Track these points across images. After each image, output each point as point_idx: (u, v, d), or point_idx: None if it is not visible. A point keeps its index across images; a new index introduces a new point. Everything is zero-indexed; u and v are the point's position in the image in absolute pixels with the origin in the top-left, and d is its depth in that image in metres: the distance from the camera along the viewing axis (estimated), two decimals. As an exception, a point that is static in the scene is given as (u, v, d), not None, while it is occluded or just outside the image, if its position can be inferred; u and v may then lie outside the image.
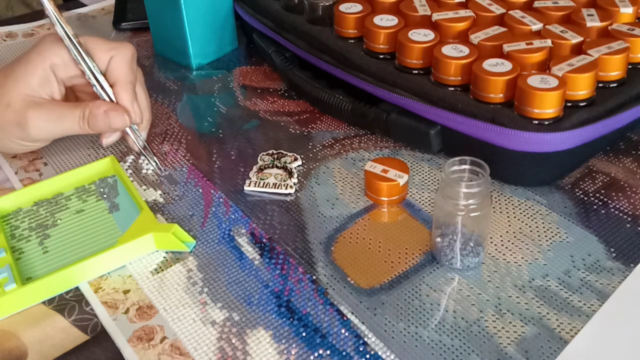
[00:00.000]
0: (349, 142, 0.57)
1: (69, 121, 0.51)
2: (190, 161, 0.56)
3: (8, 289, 0.42)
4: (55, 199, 0.52)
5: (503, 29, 0.54)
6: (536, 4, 0.58)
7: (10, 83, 0.50)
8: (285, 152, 0.56)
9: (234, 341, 0.40)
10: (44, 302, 0.43)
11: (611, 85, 0.51)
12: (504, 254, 0.45)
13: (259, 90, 0.66)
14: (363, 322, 0.41)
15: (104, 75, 0.52)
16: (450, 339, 0.40)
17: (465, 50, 0.52)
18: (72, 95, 0.56)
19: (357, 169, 0.54)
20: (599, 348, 0.39)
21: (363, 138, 0.58)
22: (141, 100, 0.55)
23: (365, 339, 0.40)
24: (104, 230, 0.49)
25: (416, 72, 0.54)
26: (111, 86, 0.52)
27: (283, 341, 0.40)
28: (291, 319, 0.41)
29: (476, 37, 0.53)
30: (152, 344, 0.40)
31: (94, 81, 0.52)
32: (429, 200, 0.51)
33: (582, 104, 0.49)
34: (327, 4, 0.61)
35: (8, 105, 0.50)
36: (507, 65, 0.49)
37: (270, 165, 0.54)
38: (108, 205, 0.51)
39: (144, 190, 0.53)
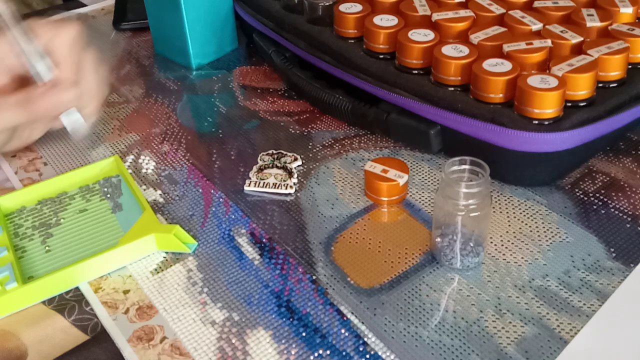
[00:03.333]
0: (349, 142, 0.57)
1: (5, 109, 0.48)
2: (190, 161, 0.56)
3: (9, 288, 0.42)
4: (59, 198, 0.52)
5: (503, 29, 0.54)
6: (536, 4, 0.58)
7: None
8: (285, 152, 0.56)
9: (234, 341, 0.40)
10: (44, 302, 0.43)
11: (611, 85, 0.51)
12: (504, 254, 0.45)
13: (259, 90, 0.66)
14: (363, 322, 0.41)
15: (49, 56, 0.50)
16: (450, 339, 0.40)
17: (465, 50, 0.52)
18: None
19: (357, 169, 0.54)
20: (599, 348, 0.39)
21: (363, 138, 0.58)
22: (88, 81, 0.51)
23: (365, 339, 0.40)
24: (106, 230, 0.49)
25: (416, 72, 0.54)
26: (56, 66, 0.50)
27: (283, 341, 0.40)
28: (291, 319, 0.41)
29: (476, 37, 0.53)
30: (152, 344, 0.40)
31: (32, 63, 0.49)
32: (429, 200, 0.51)
33: (582, 104, 0.49)
34: (327, 4, 0.61)
35: None
36: (507, 65, 0.49)
37: (270, 165, 0.54)
38: (111, 205, 0.51)
39: (144, 190, 0.53)
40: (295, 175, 0.53)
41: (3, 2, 0.48)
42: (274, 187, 0.52)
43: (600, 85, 0.50)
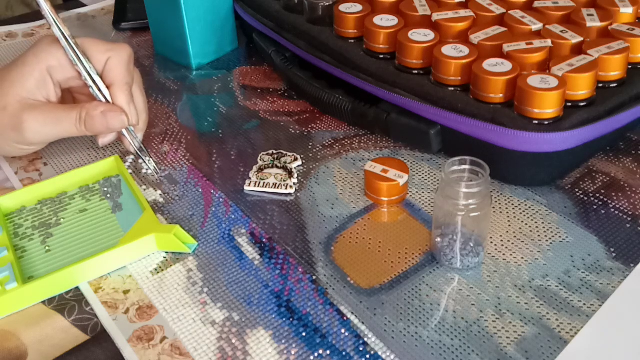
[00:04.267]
0: (349, 142, 0.57)
1: (65, 123, 0.51)
2: (190, 161, 0.56)
3: (9, 288, 0.42)
4: (59, 198, 0.52)
5: (503, 29, 0.54)
6: (536, 4, 0.58)
7: (6, 86, 0.50)
8: (285, 152, 0.56)
9: (234, 341, 0.40)
10: (44, 302, 0.43)
11: (611, 85, 0.51)
12: (504, 254, 0.45)
13: (259, 90, 0.66)
14: (363, 322, 0.41)
15: (101, 76, 0.52)
16: (450, 339, 0.40)
17: (465, 50, 0.52)
18: (70, 97, 0.56)
19: (357, 169, 0.54)
20: (599, 348, 0.39)
21: (363, 138, 0.58)
22: (138, 101, 0.54)
23: (365, 339, 0.40)
24: (106, 230, 0.49)
25: (416, 72, 0.54)
26: (108, 88, 0.52)
27: (283, 341, 0.40)
28: (291, 319, 0.41)
29: (476, 37, 0.53)
30: (152, 344, 0.40)
31: (90, 82, 0.52)
32: (429, 200, 0.51)
33: (582, 104, 0.49)
34: (327, 4, 0.61)
35: (4, 108, 0.50)
36: (507, 65, 0.49)
37: (270, 165, 0.54)
38: (111, 205, 0.51)
39: (144, 190, 0.53)
40: (295, 175, 0.53)
41: (62, 23, 0.50)
42: (274, 187, 0.52)
43: (600, 85, 0.50)
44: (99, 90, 0.52)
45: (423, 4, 0.59)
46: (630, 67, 0.52)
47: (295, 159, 0.55)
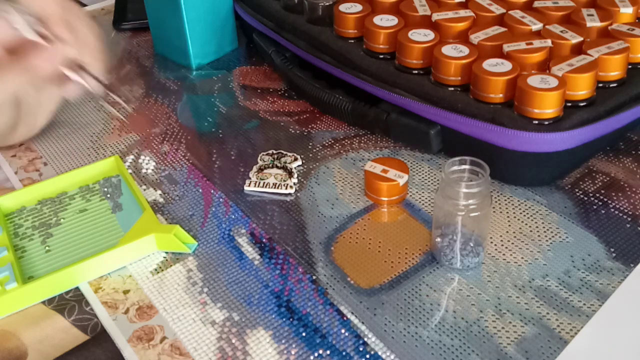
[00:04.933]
0: (349, 142, 0.57)
1: (4, 73, 0.47)
2: (190, 161, 0.56)
3: (9, 288, 0.42)
4: (59, 198, 0.52)
5: (503, 29, 0.54)
6: (536, 4, 0.58)
7: None
8: (285, 152, 0.56)
9: (234, 341, 0.40)
10: (43, 302, 0.43)
11: (611, 85, 0.51)
12: (504, 254, 0.45)
13: (259, 90, 0.66)
14: (363, 322, 0.41)
15: (37, 19, 0.48)
16: (450, 339, 0.40)
17: (465, 50, 0.52)
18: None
19: (357, 169, 0.54)
20: (599, 348, 0.39)
21: (363, 138, 0.58)
22: (83, 36, 0.51)
23: (365, 339, 0.40)
24: (106, 230, 0.49)
25: (416, 72, 0.54)
26: (45, 27, 0.49)
27: (283, 341, 0.40)
28: (291, 319, 0.41)
29: (476, 37, 0.53)
30: (152, 344, 0.40)
31: (19, 26, 0.48)
32: (429, 200, 0.51)
33: (582, 104, 0.49)
34: (327, 4, 0.61)
35: None
36: (507, 65, 0.49)
37: (270, 165, 0.54)
38: (111, 205, 0.51)
39: (144, 190, 0.53)
40: (295, 175, 0.53)
41: None
42: (274, 187, 0.52)
43: (600, 85, 0.50)
44: (38, 34, 0.48)
45: (423, 4, 0.59)
46: (630, 67, 0.52)
47: (295, 159, 0.55)
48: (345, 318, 0.41)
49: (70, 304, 0.43)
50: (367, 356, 0.39)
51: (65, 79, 0.51)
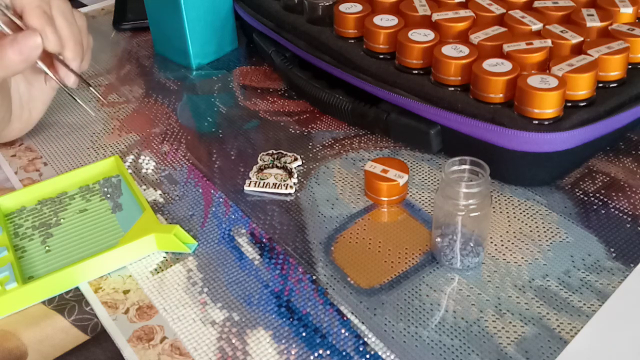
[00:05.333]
0: (349, 142, 0.57)
1: None
2: (190, 161, 0.56)
3: (9, 288, 0.42)
4: (59, 198, 0.52)
5: (503, 29, 0.54)
6: (536, 4, 0.58)
7: None
8: (285, 152, 0.56)
9: (234, 341, 0.40)
10: (43, 302, 0.43)
11: (611, 85, 0.51)
12: (504, 254, 0.45)
13: (259, 90, 0.66)
14: (363, 322, 0.41)
15: (13, 10, 0.48)
16: (450, 339, 0.40)
17: (465, 50, 0.52)
18: None
19: (357, 169, 0.54)
20: (599, 348, 0.39)
21: (363, 138, 0.58)
22: (61, 27, 0.50)
23: (365, 339, 0.40)
24: (106, 230, 0.49)
25: (416, 72, 0.54)
26: (21, 19, 0.48)
27: (283, 341, 0.40)
28: (291, 319, 0.41)
29: (476, 37, 0.53)
30: (152, 344, 0.40)
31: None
32: (429, 200, 0.51)
33: (582, 104, 0.49)
34: (327, 4, 0.61)
35: None
36: (507, 65, 0.49)
37: (270, 165, 0.54)
38: (111, 205, 0.51)
39: (144, 190, 0.53)
40: (295, 175, 0.53)
41: None
42: (274, 187, 0.52)
43: (600, 85, 0.50)
44: (14, 25, 0.47)
45: (423, 4, 0.59)
46: (630, 67, 0.52)
47: (295, 159, 0.55)
48: (345, 318, 0.41)
49: (70, 304, 0.43)
50: (367, 356, 0.39)
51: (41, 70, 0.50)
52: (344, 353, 0.39)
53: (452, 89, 0.51)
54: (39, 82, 0.54)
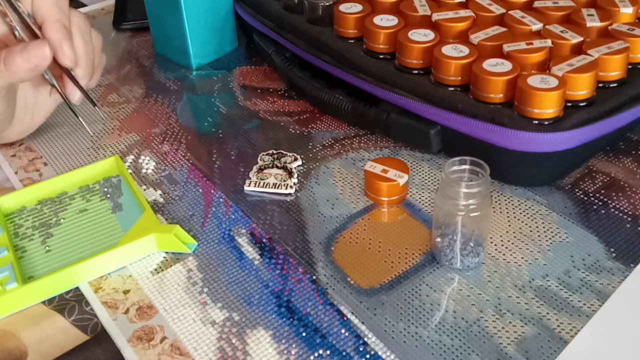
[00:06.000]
0: (349, 142, 0.57)
1: None
2: (190, 161, 0.56)
3: (9, 288, 0.42)
4: (59, 198, 0.52)
5: (503, 29, 0.54)
6: (536, 4, 0.58)
7: None
8: (285, 152, 0.56)
9: (234, 341, 0.40)
10: (44, 302, 0.43)
11: (611, 85, 0.51)
12: (504, 254, 0.45)
13: (259, 90, 0.66)
14: (363, 322, 0.41)
15: (33, 19, 0.48)
16: (450, 339, 0.40)
17: (465, 50, 0.52)
18: None
19: (357, 169, 0.54)
20: (599, 348, 0.39)
21: (363, 138, 0.58)
22: (77, 44, 0.50)
23: (365, 339, 0.40)
24: (106, 230, 0.49)
25: (416, 72, 0.54)
26: (39, 29, 0.48)
27: (283, 341, 0.40)
28: (291, 319, 0.41)
29: (476, 37, 0.53)
30: (152, 344, 0.40)
31: (17, 25, 0.47)
32: (429, 200, 0.51)
33: (582, 104, 0.49)
34: (327, 4, 0.61)
35: None
36: (507, 65, 0.49)
37: (270, 165, 0.54)
38: (111, 205, 0.51)
39: (144, 190, 0.53)
40: (295, 175, 0.53)
41: None
42: (274, 187, 0.52)
43: (600, 85, 0.50)
44: (31, 34, 0.48)
45: (423, 4, 0.59)
46: (630, 67, 0.52)
47: (295, 159, 0.55)
48: (345, 318, 0.41)
49: (70, 304, 0.43)
50: (367, 356, 0.39)
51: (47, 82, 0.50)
52: (344, 353, 0.39)
53: (452, 89, 0.51)
54: (46, 90, 0.54)
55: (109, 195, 0.52)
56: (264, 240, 0.47)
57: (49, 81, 0.51)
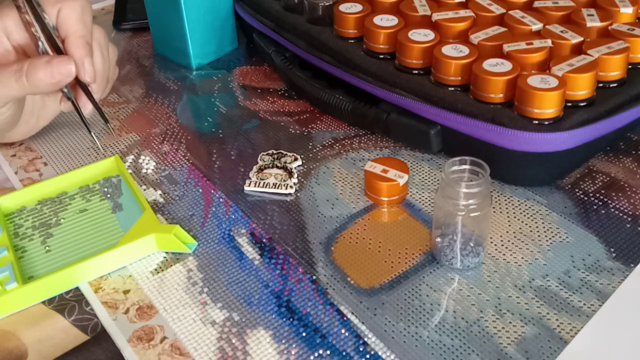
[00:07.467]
0: (349, 142, 0.57)
1: (3, 77, 0.46)
2: (190, 161, 0.56)
3: (9, 288, 0.42)
4: (59, 198, 0.52)
5: (503, 29, 0.54)
6: (536, 4, 0.58)
7: None
8: (285, 152, 0.56)
9: (234, 341, 0.40)
10: (44, 302, 0.43)
11: (611, 85, 0.51)
12: (504, 254, 0.45)
13: (259, 90, 0.66)
14: (363, 322, 0.41)
15: (57, 32, 0.49)
16: (450, 339, 0.40)
17: (465, 50, 0.52)
18: None
19: (357, 169, 0.54)
20: (599, 348, 0.39)
21: (363, 138, 0.58)
22: (96, 61, 0.51)
23: (365, 339, 0.40)
24: (106, 230, 0.49)
25: (416, 72, 0.54)
26: (62, 43, 0.49)
27: (283, 341, 0.40)
28: (291, 319, 0.41)
29: (476, 37, 0.53)
30: (152, 344, 0.40)
31: (42, 37, 0.48)
32: (429, 200, 0.51)
33: (582, 104, 0.49)
34: (327, 4, 0.61)
35: None
36: (507, 65, 0.49)
37: (270, 165, 0.54)
38: (111, 205, 0.51)
39: (144, 190, 0.53)
40: (295, 175, 0.53)
41: None
42: (274, 187, 0.52)
43: (600, 85, 0.50)
44: (53, 47, 0.48)
45: (423, 4, 0.59)
46: (630, 67, 0.52)
47: (295, 159, 0.55)
48: (345, 318, 0.41)
49: (70, 304, 0.43)
50: (367, 356, 0.39)
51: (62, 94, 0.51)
52: (344, 353, 0.39)
53: (452, 89, 0.51)
54: (55, 95, 0.54)
55: (109, 195, 0.52)
56: (264, 240, 0.47)
57: (66, 94, 0.51)
